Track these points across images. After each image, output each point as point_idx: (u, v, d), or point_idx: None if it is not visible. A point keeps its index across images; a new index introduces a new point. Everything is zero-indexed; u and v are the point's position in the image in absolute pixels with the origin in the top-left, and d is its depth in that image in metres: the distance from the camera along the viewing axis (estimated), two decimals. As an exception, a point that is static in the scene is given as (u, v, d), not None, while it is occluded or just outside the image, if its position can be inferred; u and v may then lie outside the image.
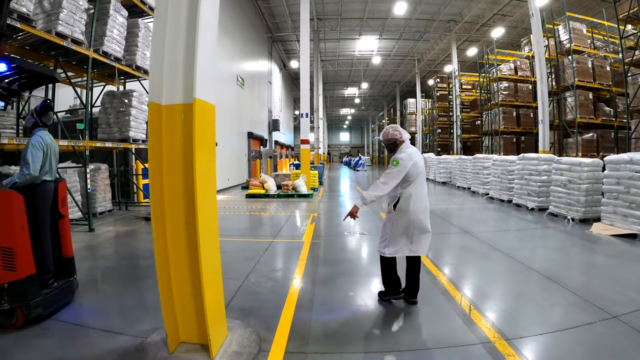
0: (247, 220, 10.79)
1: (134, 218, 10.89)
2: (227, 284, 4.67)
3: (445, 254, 7.21)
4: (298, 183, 15.16)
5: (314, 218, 10.53)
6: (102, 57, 9.83)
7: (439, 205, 13.29)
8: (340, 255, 7.01)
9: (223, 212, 12.08)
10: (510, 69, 24.17)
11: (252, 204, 13.73)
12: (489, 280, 5.70)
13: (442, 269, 6.00)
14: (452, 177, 20.74)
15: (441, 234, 8.55)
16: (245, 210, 12.43)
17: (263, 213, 11.62)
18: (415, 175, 4.37)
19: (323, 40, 31.02)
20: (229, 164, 19.74)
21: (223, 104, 18.88)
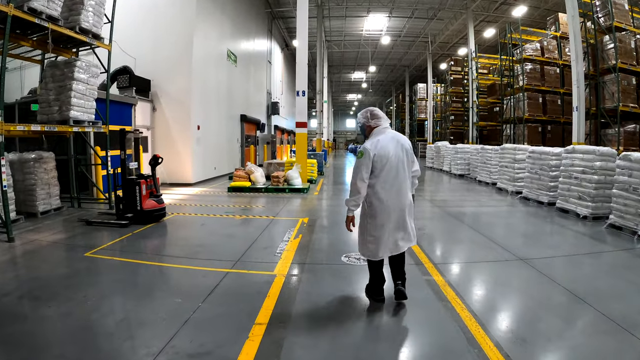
0: (213, 227, 7.93)
1: (77, 220, 8.24)
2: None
3: (505, 312, 4.28)
4: (291, 174, 12.31)
5: (303, 226, 7.66)
6: (28, 16, 7.15)
7: (464, 207, 10.44)
8: (327, 311, 4.02)
9: (189, 212, 9.29)
10: (536, 49, 21.04)
11: (231, 201, 10.94)
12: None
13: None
14: (470, 170, 17.80)
15: (481, 262, 5.67)
16: (218, 210, 9.60)
17: (238, 216, 8.74)
18: (380, 167, 3.87)
19: (327, 17, 27.94)
20: (217, 151, 16.89)
21: (208, 81, 15.98)
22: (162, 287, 4.66)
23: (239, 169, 14.71)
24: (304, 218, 8.31)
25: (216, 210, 9.42)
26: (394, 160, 3.91)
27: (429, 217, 9.10)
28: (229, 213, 9.02)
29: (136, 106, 13.75)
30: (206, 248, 6.23)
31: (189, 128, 14.39)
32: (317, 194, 12.41)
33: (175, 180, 14.60)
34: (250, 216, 8.64)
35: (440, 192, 13.74)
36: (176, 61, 14.48)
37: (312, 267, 5.30)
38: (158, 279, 5.01)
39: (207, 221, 8.36)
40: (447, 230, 7.86)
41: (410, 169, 4.08)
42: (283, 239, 6.58)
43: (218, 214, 8.93)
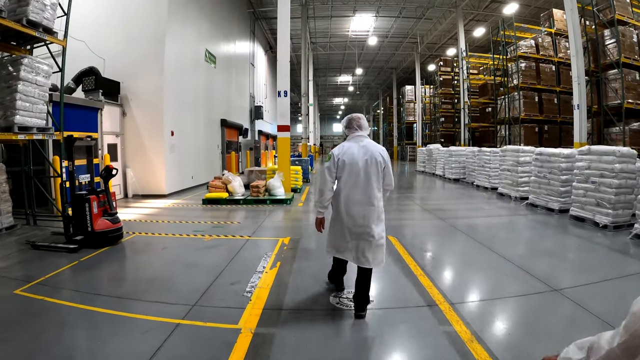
0: (176, 251, 6.50)
1: (25, 243, 6.85)
2: None
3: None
4: (272, 184, 10.93)
5: (283, 249, 6.28)
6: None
7: (468, 218, 9.16)
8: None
9: (154, 231, 7.87)
10: (531, 46, 19.97)
11: (204, 215, 9.53)
12: None
13: None
14: (466, 174, 16.59)
15: (509, 298, 4.39)
16: (187, 228, 8.18)
17: (208, 235, 7.29)
18: (343, 173, 3.91)
19: (312, 18, 26.66)
20: (194, 159, 15.46)
21: (183, 83, 14.58)
22: (83, 356, 3.28)
23: (217, 177, 13.36)
24: (285, 238, 6.91)
25: (184, 229, 8.00)
26: (359, 168, 3.89)
27: (432, 232, 7.80)
28: (198, 232, 7.61)
29: (103, 111, 12.31)
30: (159, 284, 4.83)
31: (161, 134, 12.97)
32: (301, 205, 11.03)
33: (147, 192, 13.17)
34: (221, 236, 7.23)
35: (438, 200, 12.48)
36: (147, 61, 13.08)
37: (290, 316, 3.93)
38: (83, 338, 3.61)
39: (170, 243, 6.95)
40: (456, 250, 6.55)
41: (379, 180, 3.95)
42: (257, 270, 5.19)
43: (185, 233, 7.51)
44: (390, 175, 4.03)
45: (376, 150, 3.97)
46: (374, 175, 3.90)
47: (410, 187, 16.55)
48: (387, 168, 3.98)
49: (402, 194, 13.74)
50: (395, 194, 13.56)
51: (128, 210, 10.56)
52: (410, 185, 17.04)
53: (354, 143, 4.00)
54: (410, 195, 13.45)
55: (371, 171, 3.89)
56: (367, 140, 4.05)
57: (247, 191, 11.51)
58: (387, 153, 4.09)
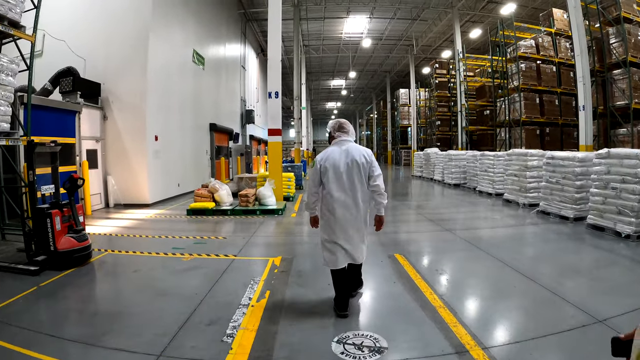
0: (149, 275, 5.53)
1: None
2: None
3: None
4: (263, 192, 9.97)
5: (273, 272, 5.35)
6: None
7: (477, 229, 8.31)
8: None
9: (128, 248, 6.91)
10: (531, 46, 19.25)
11: (187, 229, 8.59)
12: None
13: None
14: (467, 179, 15.76)
15: (553, 336, 3.49)
16: (166, 244, 7.21)
17: (188, 254, 6.31)
18: (324, 176, 3.99)
19: (305, 20, 25.81)
20: (180, 165, 14.50)
21: (169, 85, 13.64)
22: None
23: (204, 184, 12.43)
24: (276, 257, 5.95)
25: (163, 245, 7.04)
26: (341, 172, 3.94)
27: (443, 247, 6.88)
28: (177, 249, 6.66)
29: (81, 114, 11.37)
30: (123, 322, 3.88)
31: (144, 139, 12.02)
32: (294, 215, 10.06)
33: (130, 201, 12.20)
34: (203, 255, 6.27)
35: (441, 208, 11.58)
36: (129, 61, 12.15)
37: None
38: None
39: (144, 264, 6.00)
40: (474, 271, 5.62)
41: (363, 181, 3.98)
42: (241, 302, 4.23)
43: (163, 252, 6.55)
44: (376, 172, 3.98)
45: (358, 152, 3.99)
46: (357, 178, 3.94)
47: (410, 194, 15.67)
48: (373, 167, 3.98)
49: (401, 201, 12.87)
50: (394, 201, 12.69)
51: (106, 222, 9.61)
52: (409, 192, 16.16)
53: (336, 147, 4.07)
54: (411, 203, 12.56)
55: (354, 174, 3.93)
56: (349, 144, 4.07)
57: (235, 200, 10.56)
58: (371, 153, 4.10)
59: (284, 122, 67.56)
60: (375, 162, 4.05)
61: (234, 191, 12.83)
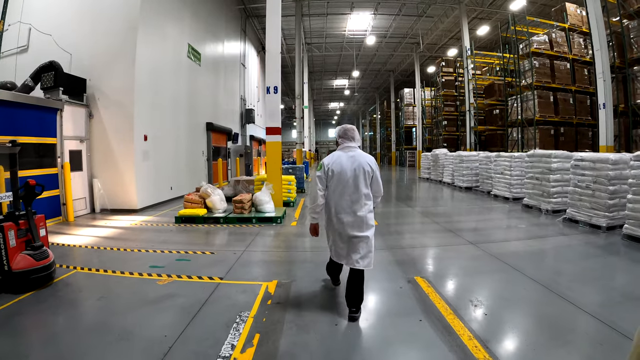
0: (114, 306, 4.41)
1: None
2: None
3: None
4: (259, 198, 8.86)
5: (266, 305, 4.23)
6: None
7: (503, 241, 7.14)
8: None
9: (101, 264, 5.84)
10: (544, 42, 18.13)
11: (172, 240, 7.45)
12: None
13: None
14: (480, 181, 14.64)
15: None
16: (144, 260, 6.11)
17: (166, 275, 5.21)
18: (331, 179, 4.07)
19: (307, 16, 24.75)
20: (173, 167, 13.41)
21: (160, 80, 12.58)
22: None
23: (199, 187, 11.36)
24: (271, 282, 4.85)
25: (140, 262, 5.96)
26: (347, 177, 4.00)
27: (469, 266, 5.71)
28: (156, 268, 5.56)
29: (63, 112, 10.32)
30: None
31: (132, 138, 10.95)
32: (295, 224, 8.87)
33: (117, 206, 11.16)
34: (184, 276, 5.17)
35: (457, 215, 10.41)
36: (117, 54, 11.10)
37: None
38: None
39: (112, 288, 4.92)
40: (516, 300, 4.44)
41: (367, 188, 4.04)
42: (220, 354, 3.12)
43: (138, 271, 5.46)
44: (378, 183, 4.10)
45: (364, 160, 4.07)
46: (362, 184, 4.01)
47: (420, 198, 14.44)
48: (375, 177, 4.08)
49: (412, 207, 11.72)
50: (405, 207, 11.60)
51: (86, 231, 8.55)
52: (420, 196, 14.95)
53: (343, 153, 4.14)
54: (423, 209, 11.37)
55: (359, 180, 4.00)
56: (356, 151, 4.15)
57: (230, 206, 9.46)
58: (375, 162, 4.15)
59: (285, 122, 66.57)
60: (378, 172, 4.12)
61: (231, 195, 11.75)
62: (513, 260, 5.83)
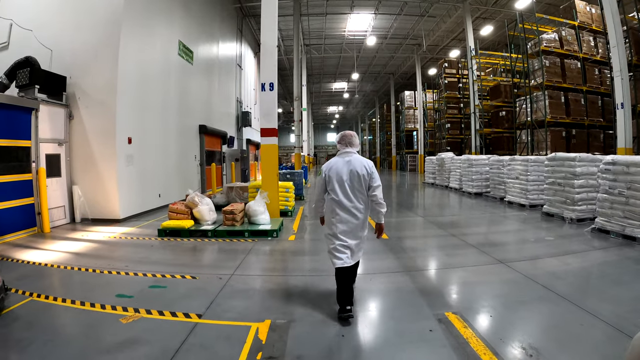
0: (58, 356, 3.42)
1: None
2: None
3: None
4: (253, 208, 7.78)
5: (255, 358, 3.20)
6: None
7: (536, 259, 6.06)
8: None
9: (61, 291, 4.79)
10: (554, 40, 17.16)
11: (147, 259, 6.36)
12: None
13: None
14: (491, 187, 13.60)
15: None
16: (109, 286, 5.07)
17: (131, 311, 4.12)
18: (329, 184, 4.24)
19: (306, 17, 23.78)
20: (162, 172, 12.34)
21: (147, 79, 11.54)
22: None
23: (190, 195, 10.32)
24: (262, 323, 3.75)
25: (107, 289, 4.88)
26: (343, 181, 4.15)
27: (511, 295, 4.59)
28: (123, 299, 4.48)
29: (39, 112, 9.29)
30: None
31: (114, 141, 9.90)
32: (293, 238, 7.74)
33: (99, 215, 10.11)
34: (154, 312, 4.08)
35: (474, 226, 9.27)
36: (98, 49, 10.10)
37: None
38: None
39: (65, 328, 3.88)
40: (579, 343, 3.37)
41: (363, 190, 4.16)
42: None
43: (101, 302, 4.38)
44: (376, 184, 4.14)
45: (359, 164, 4.18)
46: (357, 187, 4.15)
47: (429, 206, 13.31)
48: (373, 178, 4.15)
49: (423, 216, 10.62)
50: (416, 216, 10.55)
51: (58, 245, 7.51)
52: (428, 204, 13.85)
53: (340, 159, 4.27)
54: (435, 218, 10.21)
55: (354, 183, 4.15)
56: (353, 156, 4.25)
57: (221, 216, 8.39)
58: (372, 165, 4.23)
59: (284, 126, 65.41)
60: (375, 173, 4.20)
61: (224, 203, 10.70)
62: (554, 283, 4.80)
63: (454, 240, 7.48)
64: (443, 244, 7.30)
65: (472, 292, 4.69)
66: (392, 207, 12.35)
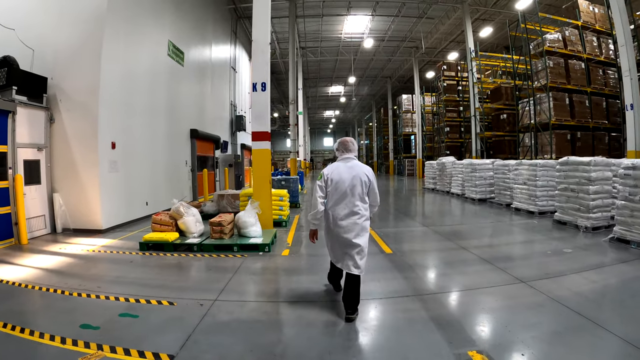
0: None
1: None
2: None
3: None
4: (243, 219, 7.06)
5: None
6: None
7: (560, 276, 5.37)
8: None
9: (14, 320, 4.07)
10: (557, 40, 16.61)
11: (124, 277, 5.63)
12: None
13: None
14: (496, 193, 12.97)
15: None
16: (76, 311, 4.38)
17: (93, 349, 3.41)
18: (332, 189, 4.24)
19: (302, 17, 23.17)
20: (150, 179, 11.63)
21: (133, 80, 10.87)
22: None
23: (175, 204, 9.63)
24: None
25: (73, 315, 4.18)
26: (345, 186, 4.19)
27: (543, 324, 3.91)
28: (87, 330, 3.78)
29: (16, 114, 8.61)
30: None
31: (96, 146, 9.21)
32: (287, 253, 6.93)
33: (80, 225, 9.41)
34: (119, 350, 3.32)
35: (484, 237, 8.49)
36: (80, 48, 9.43)
37: None
38: None
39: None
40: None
41: (364, 196, 4.23)
42: None
43: (62, 334, 3.66)
44: (375, 193, 4.30)
45: (362, 170, 4.27)
46: (359, 192, 4.20)
47: (432, 213, 12.58)
48: (372, 187, 4.28)
49: (427, 225, 9.87)
50: (420, 226, 9.88)
51: (32, 259, 6.80)
52: (431, 211, 13.07)
53: (342, 163, 4.34)
54: (440, 228, 9.37)
55: (356, 189, 4.19)
56: (354, 162, 4.36)
57: (208, 227, 7.69)
58: (372, 173, 4.34)
59: (280, 132, 64.62)
60: (374, 181, 4.30)
61: (214, 212, 10.01)
62: (586, 308, 4.15)
63: (464, 254, 6.80)
64: (453, 258, 6.61)
65: (496, 322, 3.97)
66: (393, 214, 11.69)
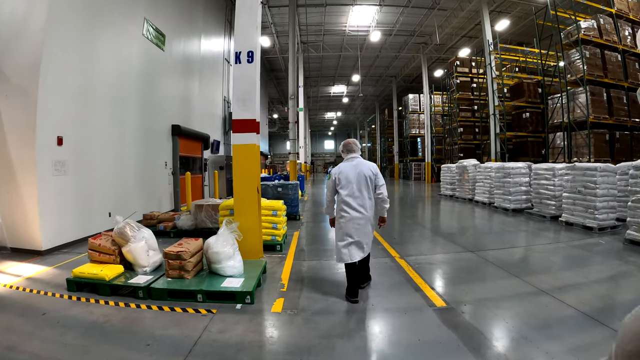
0: None
1: None
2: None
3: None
4: (214, 250, 4.48)
5: None
6: None
7: None
8: None
9: None
10: (592, 28, 14.35)
11: (14, 350, 3.29)
12: None
13: None
14: (538, 202, 10.61)
15: None
16: None
17: None
18: (341, 186, 4.54)
19: (303, 7, 20.88)
20: (114, 183, 9.20)
21: (91, 59, 8.48)
22: None
23: (148, 214, 7.35)
24: None
25: None
26: (352, 182, 4.53)
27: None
28: None
29: None
30: None
31: (33, 141, 6.91)
32: (280, 306, 4.34)
33: (18, 244, 7.12)
34: None
35: (554, 269, 5.85)
36: (22, 16, 7.17)
37: None
38: None
39: None
40: None
41: (370, 190, 4.56)
42: None
43: None
44: (381, 183, 4.60)
45: (366, 166, 4.62)
46: (364, 187, 4.54)
47: (465, 230, 9.30)
48: (378, 179, 4.61)
49: (470, 250, 7.17)
50: (458, 248, 7.39)
51: None
52: (463, 227, 9.72)
53: (347, 163, 4.68)
54: (493, 255, 6.78)
55: (362, 184, 4.53)
56: (358, 160, 4.69)
57: (160, 258, 5.27)
58: (376, 167, 4.69)
59: (279, 133, 62.11)
60: (379, 174, 4.65)
61: (189, 227, 7.70)
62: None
63: (552, 303, 4.33)
64: (541, 314, 4.05)
65: None
66: (418, 232, 9.24)
